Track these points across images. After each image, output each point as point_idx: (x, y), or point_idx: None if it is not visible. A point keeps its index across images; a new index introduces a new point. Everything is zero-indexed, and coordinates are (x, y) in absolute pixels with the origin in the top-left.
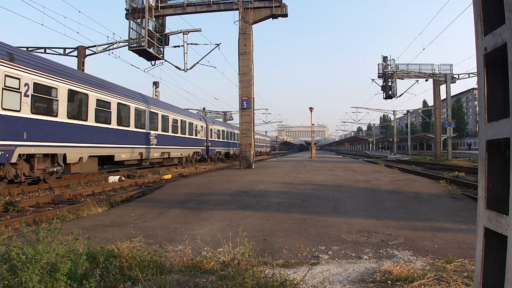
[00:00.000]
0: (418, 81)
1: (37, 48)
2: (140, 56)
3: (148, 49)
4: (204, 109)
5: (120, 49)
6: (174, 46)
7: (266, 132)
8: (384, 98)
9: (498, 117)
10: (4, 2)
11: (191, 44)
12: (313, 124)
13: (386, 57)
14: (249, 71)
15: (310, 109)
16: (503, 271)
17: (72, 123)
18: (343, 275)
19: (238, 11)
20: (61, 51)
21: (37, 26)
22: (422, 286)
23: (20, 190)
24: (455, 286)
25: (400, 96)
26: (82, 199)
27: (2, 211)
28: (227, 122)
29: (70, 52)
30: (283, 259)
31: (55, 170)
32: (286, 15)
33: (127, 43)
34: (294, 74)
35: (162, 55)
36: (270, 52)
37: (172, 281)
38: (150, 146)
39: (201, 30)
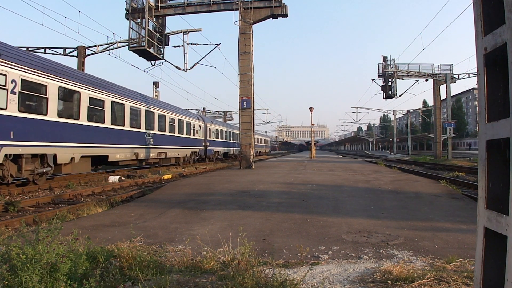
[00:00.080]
0: (418, 81)
1: (37, 48)
2: (140, 56)
3: (148, 49)
4: (204, 109)
5: (120, 49)
6: (174, 46)
7: (266, 132)
8: (384, 98)
9: (498, 117)
10: (4, 2)
11: (191, 44)
12: (313, 124)
13: (386, 57)
14: (249, 71)
15: (310, 109)
16: (503, 271)
17: (63, 122)
18: (343, 275)
19: (238, 11)
20: (61, 51)
21: (37, 26)
22: (422, 286)
23: (20, 190)
24: (455, 286)
25: (400, 96)
26: (82, 199)
27: (2, 211)
28: (227, 122)
29: (70, 52)
30: (283, 259)
31: (45, 171)
32: (286, 15)
33: (127, 43)
34: (294, 74)
35: (162, 55)
36: (270, 52)
37: (172, 281)
38: (146, 146)
39: (201, 30)
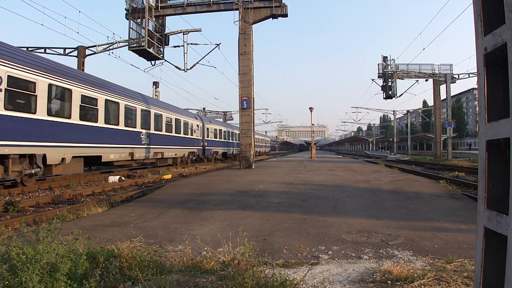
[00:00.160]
0: (418, 81)
1: (37, 48)
2: (140, 56)
3: (148, 49)
4: (204, 109)
5: (120, 49)
6: (174, 46)
7: (266, 132)
8: (384, 98)
9: (498, 117)
10: (4, 2)
11: (191, 44)
12: (313, 124)
13: (386, 57)
14: (249, 71)
15: (310, 109)
16: (503, 271)
17: (53, 121)
18: (343, 275)
19: (238, 11)
20: (61, 51)
21: (37, 26)
22: (422, 286)
23: (20, 190)
24: (455, 286)
25: (400, 96)
26: (82, 199)
27: (2, 211)
28: (227, 122)
29: (70, 52)
30: (283, 259)
31: (33, 172)
32: (286, 15)
33: (127, 43)
34: (294, 74)
35: (162, 55)
36: (270, 52)
37: (172, 281)
38: (142, 146)
39: (201, 30)
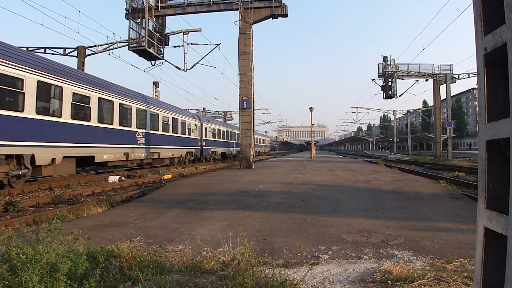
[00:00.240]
0: (418, 81)
1: (37, 48)
2: (140, 56)
3: (148, 49)
4: (204, 109)
5: (120, 49)
6: (174, 46)
7: (266, 132)
8: (384, 98)
9: (498, 117)
10: (4, 2)
11: (191, 44)
12: (313, 124)
13: (386, 57)
14: (249, 71)
15: (310, 109)
16: (503, 271)
17: (42, 120)
18: (343, 275)
19: (238, 11)
20: (61, 51)
21: (37, 26)
22: (422, 286)
23: (20, 190)
24: (455, 286)
25: (400, 96)
26: (82, 199)
27: (2, 211)
28: (227, 122)
29: (70, 52)
30: (283, 259)
31: (21, 173)
32: (286, 15)
33: (127, 43)
34: (294, 74)
35: (162, 55)
36: (270, 52)
37: (172, 281)
38: (137, 146)
39: (201, 30)
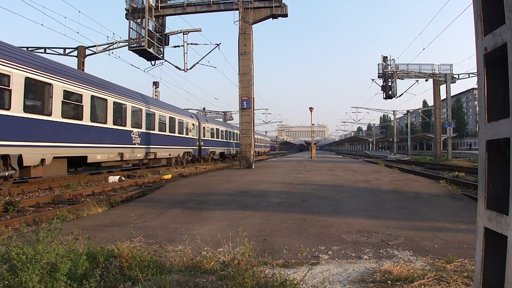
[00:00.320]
0: (418, 81)
1: (37, 48)
2: (140, 56)
3: (148, 49)
4: (204, 109)
5: (120, 49)
6: (174, 46)
7: (266, 132)
8: (384, 98)
9: (498, 117)
10: (4, 2)
11: (191, 44)
12: (313, 124)
13: (386, 57)
14: (249, 71)
15: (310, 109)
16: (503, 271)
17: (30, 118)
18: (343, 275)
19: (238, 11)
20: (61, 51)
21: (37, 26)
22: (422, 286)
23: (20, 190)
24: (455, 286)
25: (400, 96)
26: (82, 199)
27: (2, 211)
28: (227, 122)
29: (70, 52)
30: (283, 259)
31: (7, 174)
32: (286, 15)
33: (127, 43)
34: (294, 74)
35: (162, 55)
36: (270, 52)
37: (172, 281)
38: (133, 146)
39: (201, 30)
